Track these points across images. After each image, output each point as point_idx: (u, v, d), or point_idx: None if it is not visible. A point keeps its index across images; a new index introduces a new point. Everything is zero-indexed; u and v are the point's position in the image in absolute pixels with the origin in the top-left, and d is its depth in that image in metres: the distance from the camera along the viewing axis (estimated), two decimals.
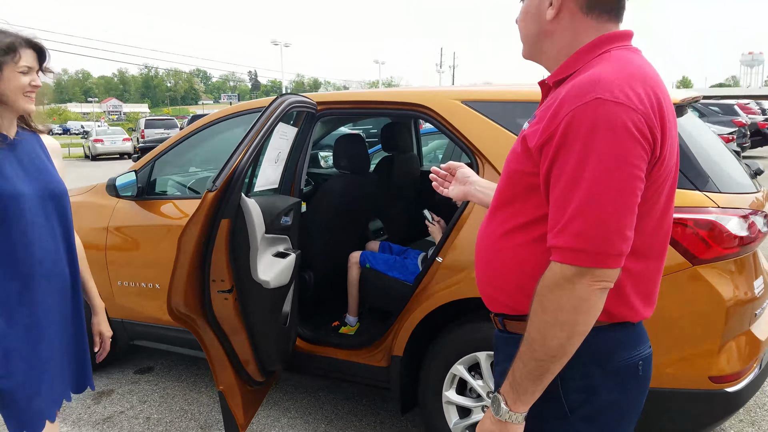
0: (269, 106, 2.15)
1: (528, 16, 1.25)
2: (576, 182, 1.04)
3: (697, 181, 2.17)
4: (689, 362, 2.11)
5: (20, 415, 1.68)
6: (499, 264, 1.25)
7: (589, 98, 1.04)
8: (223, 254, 2.02)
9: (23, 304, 1.67)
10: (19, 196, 1.63)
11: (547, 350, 1.08)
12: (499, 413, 1.14)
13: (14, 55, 1.62)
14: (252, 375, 2.32)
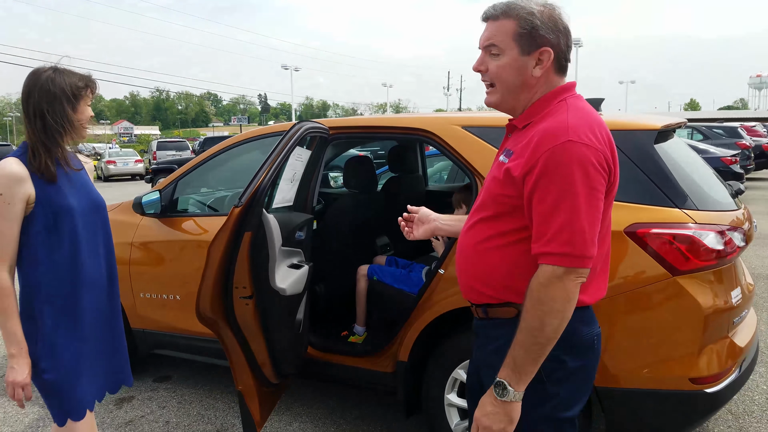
0: (288, 132, 2.39)
1: (510, 69, 1.50)
2: (558, 204, 1.36)
3: (676, 199, 2.36)
4: (671, 365, 2.28)
5: (63, 404, 1.89)
6: (487, 263, 1.53)
7: (563, 140, 1.37)
8: (245, 263, 2.24)
9: (69, 306, 1.89)
10: (71, 209, 1.86)
11: (546, 334, 1.37)
12: (506, 395, 1.39)
13: (87, 90, 1.91)
14: (268, 377, 2.51)
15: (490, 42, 1.51)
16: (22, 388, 1.82)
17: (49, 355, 1.85)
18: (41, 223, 1.83)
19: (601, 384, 2.34)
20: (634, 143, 2.46)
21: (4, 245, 1.80)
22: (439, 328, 2.74)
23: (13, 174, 1.78)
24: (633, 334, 2.31)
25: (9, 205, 1.78)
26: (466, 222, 1.65)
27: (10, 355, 1.82)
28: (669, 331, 2.29)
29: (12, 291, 1.81)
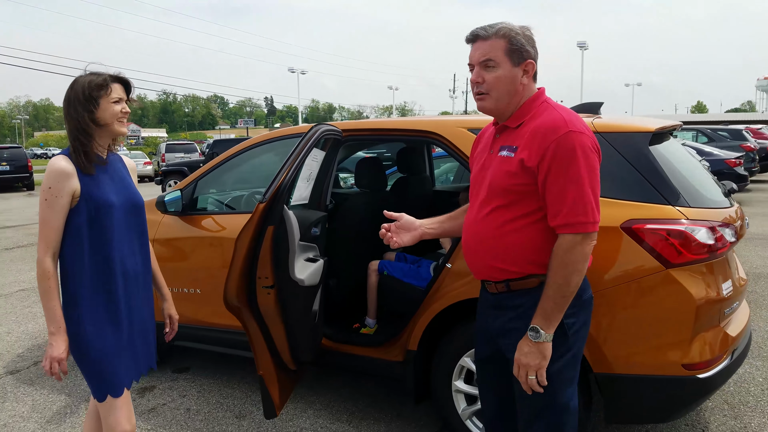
0: (307, 133, 2.57)
1: (504, 80, 1.80)
2: (569, 183, 1.70)
3: (670, 197, 2.51)
4: (664, 351, 2.43)
5: (103, 382, 2.05)
6: (511, 243, 1.81)
7: (565, 131, 1.71)
8: (267, 255, 2.41)
9: (107, 295, 2.05)
10: (111, 205, 2.03)
11: (570, 289, 1.73)
12: (539, 338, 1.74)
13: (107, 89, 2.02)
14: (287, 363, 2.68)
15: (487, 57, 1.79)
16: (58, 363, 1.99)
17: (92, 336, 2.02)
18: (84, 216, 1.99)
19: (601, 370, 2.49)
20: (630, 144, 2.61)
21: (50, 234, 1.96)
22: (446, 319, 2.91)
23: (61, 170, 1.95)
24: (629, 323, 2.46)
25: (56, 198, 1.94)
26: (475, 213, 1.89)
27: (50, 333, 1.99)
28: (663, 320, 2.44)
29: (54, 275, 1.98)
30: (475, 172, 1.99)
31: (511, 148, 1.80)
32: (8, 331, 4.94)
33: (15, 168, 20.98)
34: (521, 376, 1.79)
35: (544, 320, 1.75)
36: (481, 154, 1.99)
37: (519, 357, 1.78)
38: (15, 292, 6.24)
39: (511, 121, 1.85)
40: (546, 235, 1.78)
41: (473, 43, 1.83)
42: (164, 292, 2.37)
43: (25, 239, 9.87)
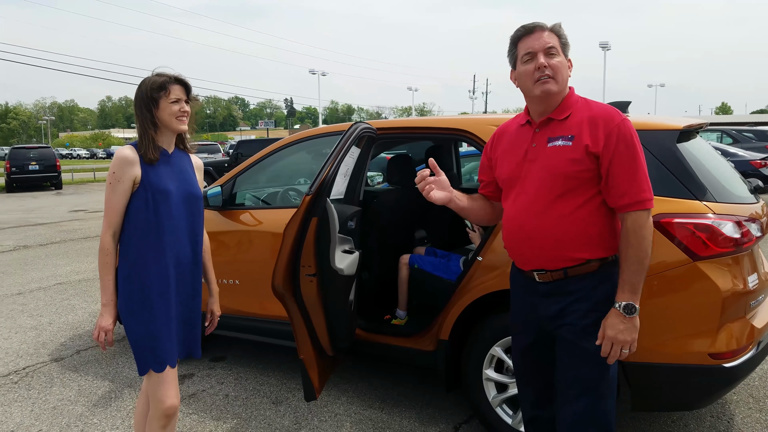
0: (347, 131, 2.71)
1: (564, 67, 1.97)
2: (635, 164, 1.86)
3: (697, 192, 2.60)
4: (691, 341, 2.51)
5: (148, 357, 2.19)
6: (572, 231, 1.91)
7: (620, 119, 1.89)
8: (311, 245, 2.55)
9: (158, 276, 2.18)
10: (168, 192, 2.19)
11: (648, 259, 1.88)
12: (634, 312, 1.86)
13: (165, 91, 2.18)
14: (325, 348, 2.82)
15: (550, 45, 1.93)
16: (105, 333, 2.16)
17: (140, 311, 2.17)
18: (141, 201, 2.16)
19: (629, 359, 2.56)
20: (658, 142, 2.70)
21: (112, 214, 2.15)
22: (477, 310, 3.02)
23: (125, 157, 2.14)
24: (658, 313, 2.55)
25: (118, 182, 2.13)
26: (527, 205, 1.97)
27: (102, 304, 2.17)
28: (690, 310, 2.52)
29: (112, 251, 2.16)
30: (513, 166, 2.05)
31: (567, 137, 1.92)
32: (50, 322, 5.15)
33: (44, 167, 21.49)
34: (614, 353, 1.89)
35: (634, 294, 1.87)
36: (514, 148, 2.06)
37: (615, 335, 1.87)
38: (53, 286, 6.48)
39: (556, 113, 1.97)
40: (605, 219, 1.92)
41: (531, 34, 1.95)
42: (212, 287, 2.50)
43: (58, 236, 10.18)
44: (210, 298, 2.52)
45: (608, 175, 1.87)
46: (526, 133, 2.05)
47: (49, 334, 4.82)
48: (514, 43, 2.00)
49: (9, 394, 3.67)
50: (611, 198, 1.89)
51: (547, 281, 1.99)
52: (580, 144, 1.88)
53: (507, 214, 2.07)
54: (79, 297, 5.97)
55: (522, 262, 2.06)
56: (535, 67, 1.92)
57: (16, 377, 3.95)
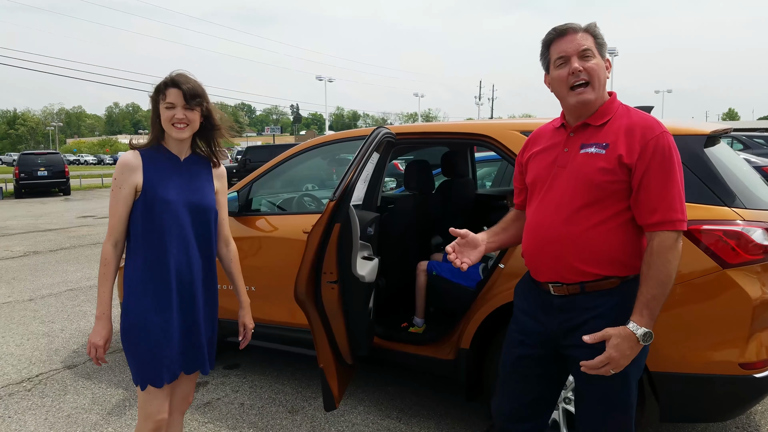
0: (369, 136, 2.67)
1: (601, 69, 1.84)
2: (670, 181, 1.73)
3: (726, 198, 2.55)
4: (721, 350, 2.46)
5: (143, 371, 2.08)
6: (602, 244, 1.79)
7: (660, 131, 1.76)
8: (333, 251, 2.51)
9: (158, 288, 2.06)
10: (169, 202, 2.05)
11: (671, 285, 1.75)
12: (649, 340, 1.74)
13: (162, 95, 2.05)
14: (344, 357, 2.78)
15: (585, 47, 1.81)
16: (96, 349, 2.07)
17: (138, 325, 2.06)
18: (141, 209, 2.05)
19: (656, 369, 2.53)
20: (685, 147, 2.65)
21: (113, 222, 2.06)
22: (499, 318, 2.96)
23: (125, 162, 2.05)
24: (686, 322, 2.49)
25: (120, 189, 2.04)
26: (551, 213, 1.86)
27: (96, 316, 2.08)
28: (720, 319, 2.46)
29: (111, 261, 2.06)
30: (540, 169, 1.95)
31: (601, 145, 1.80)
32: (62, 329, 5.13)
33: (53, 173, 21.59)
34: (603, 371, 1.75)
35: (651, 320, 1.74)
36: (545, 152, 1.96)
37: (618, 359, 1.73)
38: (64, 292, 6.46)
39: (594, 118, 1.85)
40: (631, 236, 1.80)
41: (564, 36, 1.83)
42: (242, 298, 2.39)
43: (67, 242, 10.19)
44: (241, 311, 2.40)
45: (639, 188, 1.75)
46: (559, 136, 1.94)
47: (61, 341, 4.80)
48: (546, 46, 1.89)
49: (23, 402, 3.64)
50: (640, 214, 1.77)
51: (563, 295, 1.87)
52: (614, 153, 1.76)
53: (530, 219, 1.96)
54: (91, 303, 5.95)
55: (538, 272, 1.94)
56: (569, 72, 1.81)
57: (30, 384, 3.92)
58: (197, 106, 2.09)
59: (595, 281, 1.82)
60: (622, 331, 1.73)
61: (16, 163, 21.79)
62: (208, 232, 2.19)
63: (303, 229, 3.42)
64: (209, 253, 2.21)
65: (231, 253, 2.37)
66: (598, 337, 1.75)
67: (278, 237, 3.61)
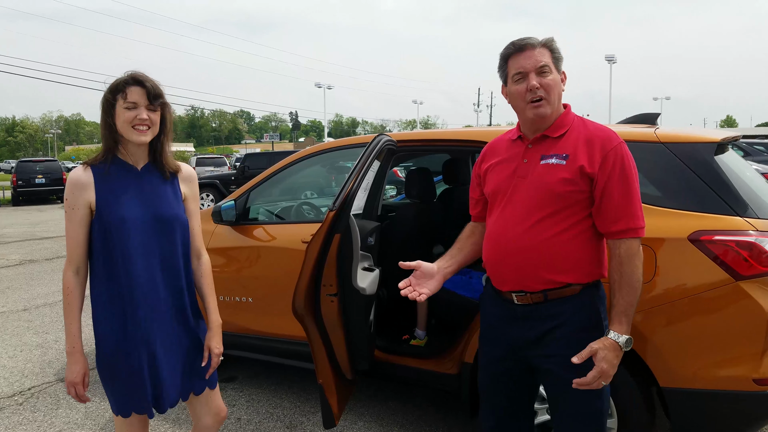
0: (370, 144, 2.59)
1: (557, 85, 1.87)
2: (630, 190, 1.79)
3: (737, 208, 2.47)
4: (734, 366, 2.37)
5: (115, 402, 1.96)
6: (563, 252, 1.82)
7: (617, 141, 1.82)
8: (333, 263, 2.43)
9: (122, 315, 1.89)
10: (125, 219, 1.85)
11: (641, 288, 1.80)
12: (630, 345, 1.77)
13: (122, 94, 1.83)
14: (344, 372, 2.69)
15: (543, 63, 1.83)
16: (75, 387, 1.91)
17: (106, 356, 1.92)
18: (97, 231, 1.87)
19: (667, 385, 2.44)
20: (695, 155, 2.58)
21: (71, 247, 1.88)
22: None
23: (75, 180, 1.86)
24: (697, 336, 2.41)
25: (72, 210, 1.86)
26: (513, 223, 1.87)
27: (67, 352, 1.92)
28: (732, 333, 2.38)
29: (74, 290, 1.88)
30: (500, 180, 1.95)
31: (561, 156, 1.84)
32: (56, 339, 5.03)
33: (50, 181, 21.51)
34: (596, 385, 1.77)
35: (628, 326, 1.78)
36: (504, 163, 1.97)
37: (608, 369, 1.75)
38: (59, 301, 6.36)
39: (551, 130, 1.89)
40: (592, 244, 1.85)
41: (522, 52, 1.86)
42: (212, 318, 2.09)
43: (63, 250, 10.04)
44: (208, 332, 2.08)
45: (602, 198, 1.80)
46: (517, 148, 1.96)
47: (55, 353, 4.70)
48: (504, 59, 1.91)
49: (14, 417, 3.54)
50: (603, 223, 1.81)
51: (526, 304, 1.89)
52: (575, 164, 1.80)
53: (491, 230, 1.97)
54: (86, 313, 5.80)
55: (501, 282, 1.95)
56: (527, 88, 1.83)
57: (21, 398, 3.82)
58: (159, 107, 1.91)
59: (557, 289, 1.85)
60: (606, 343, 1.76)
61: (13, 170, 21.71)
62: (177, 247, 1.97)
63: (302, 238, 3.34)
64: (179, 272, 1.99)
65: (202, 267, 2.12)
66: (585, 354, 1.76)
67: (276, 247, 3.53)
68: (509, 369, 2.00)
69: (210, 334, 2.09)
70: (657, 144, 2.65)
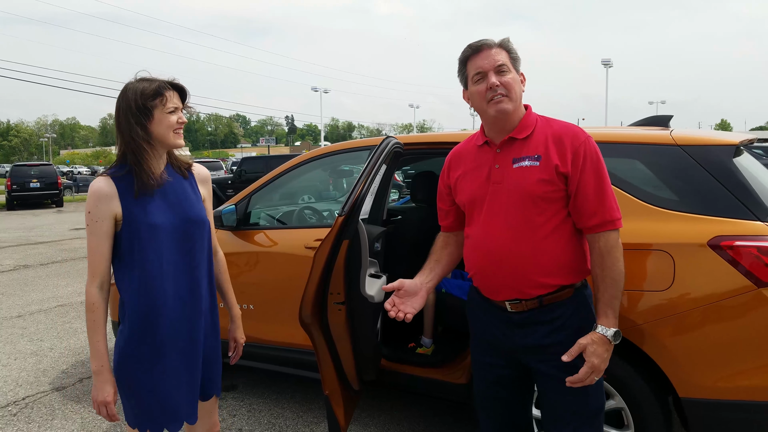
0: (379, 147, 2.50)
1: (517, 83, 1.85)
2: (603, 183, 1.79)
3: (758, 212, 2.39)
4: (755, 376, 2.29)
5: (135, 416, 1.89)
6: (547, 254, 1.80)
7: (584, 137, 1.81)
8: (341, 270, 2.33)
9: (150, 325, 1.83)
10: (157, 226, 1.81)
11: (623, 280, 1.80)
12: (619, 338, 1.76)
13: (162, 98, 1.80)
14: (351, 382, 2.59)
15: (501, 62, 1.83)
16: (106, 407, 1.83)
17: (129, 370, 1.85)
18: (126, 242, 1.81)
19: (686, 395, 2.36)
20: (713, 158, 2.50)
21: (95, 261, 1.80)
22: None
23: (99, 192, 1.78)
24: (718, 344, 2.33)
25: (96, 223, 1.79)
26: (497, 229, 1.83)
27: (93, 372, 1.84)
28: (753, 342, 2.30)
29: (99, 306, 1.81)
30: (475, 188, 1.90)
31: (533, 157, 1.81)
32: (51, 347, 4.92)
33: (45, 185, 21.37)
34: (589, 381, 1.77)
35: (616, 319, 1.78)
36: (474, 170, 1.92)
37: (599, 364, 1.76)
38: (54, 308, 6.25)
39: (517, 132, 1.86)
40: (576, 242, 1.85)
41: (479, 53, 1.85)
42: (233, 312, 2.19)
43: (59, 255, 9.96)
44: (231, 324, 2.19)
45: (577, 194, 1.79)
46: (485, 154, 1.92)
47: (50, 361, 4.58)
48: (463, 63, 1.89)
49: (7, 428, 3.43)
50: (580, 218, 1.81)
51: (521, 311, 1.86)
52: (549, 164, 1.78)
53: (475, 239, 1.91)
54: (81, 320, 5.74)
55: (492, 291, 1.90)
56: (487, 86, 1.81)
57: (15, 408, 3.71)
58: (186, 108, 1.92)
59: (551, 293, 1.83)
60: (594, 337, 1.76)
61: (8, 174, 21.55)
62: (202, 250, 1.93)
63: (305, 243, 3.25)
64: (209, 273, 1.98)
65: (219, 264, 2.14)
66: (575, 351, 1.76)
67: (279, 252, 3.43)
68: (505, 376, 1.99)
69: (233, 326, 2.20)
70: (674, 147, 2.57)
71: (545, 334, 1.84)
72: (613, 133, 2.79)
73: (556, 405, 1.90)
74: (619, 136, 2.75)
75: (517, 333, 1.88)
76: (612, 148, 2.62)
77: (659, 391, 2.48)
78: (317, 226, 3.60)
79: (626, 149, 2.69)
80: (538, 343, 1.85)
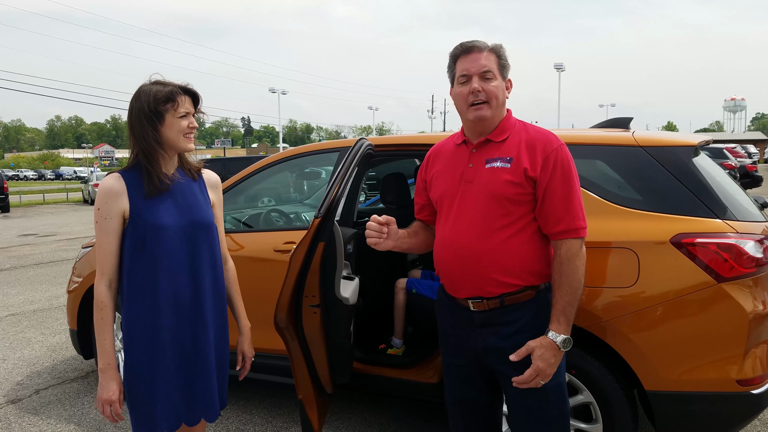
0: (353, 148, 2.49)
1: (500, 91, 1.88)
2: (571, 191, 1.81)
3: (717, 210, 2.49)
4: (718, 367, 2.38)
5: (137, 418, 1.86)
6: (515, 255, 1.83)
7: (558, 144, 1.83)
8: (316, 272, 2.31)
9: (153, 329, 1.83)
10: (162, 227, 1.81)
11: (581, 289, 1.81)
12: (569, 345, 1.78)
13: (174, 103, 1.83)
14: (324, 386, 2.57)
15: (486, 68, 1.85)
16: (110, 405, 1.81)
17: (133, 370, 1.85)
18: (131, 240, 1.81)
19: (651, 388, 2.44)
20: (674, 158, 2.59)
21: (104, 259, 1.81)
22: None
23: (109, 189, 1.80)
24: (680, 339, 2.41)
25: (106, 220, 1.79)
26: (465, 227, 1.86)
27: (100, 369, 1.83)
28: (715, 335, 2.39)
29: (108, 304, 1.81)
30: (448, 186, 1.94)
31: (505, 159, 1.85)
32: (3, 358, 4.71)
33: None
34: (534, 383, 1.79)
35: (569, 327, 1.80)
36: (450, 169, 1.97)
37: (545, 368, 1.77)
38: (5, 317, 5.99)
39: (494, 134, 1.90)
40: (540, 244, 1.86)
41: (468, 54, 1.87)
42: (242, 323, 2.14)
43: (7, 262, 9.56)
44: (240, 337, 2.13)
45: (544, 199, 1.82)
46: (462, 153, 1.96)
47: (3, 372, 4.39)
48: (453, 60, 1.93)
49: None
50: (546, 224, 1.84)
51: (483, 310, 1.89)
52: (519, 167, 1.82)
53: (442, 236, 1.95)
54: (35, 329, 5.52)
55: (455, 289, 1.93)
56: (470, 90, 1.85)
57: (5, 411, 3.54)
58: (198, 113, 1.96)
59: (514, 293, 1.85)
60: (543, 342, 1.78)
61: None
62: (208, 252, 1.93)
63: (274, 247, 3.21)
64: (216, 278, 1.97)
65: (229, 273, 2.13)
66: (523, 352, 1.78)
67: (246, 256, 3.38)
68: (473, 377, 2.00)
69: (242, 339, 2.14)
70: (636, 148, 2.65)
71: (506, 336, 1.86)
72: (577, 135, 2.86)
73: (519, 408, 1.92)
74: (583, 138, 2.82)
75: (480, 333, 1.90)
76: (577, 150, 2.67)
77: (626, 385, 2.55)
78: (286, 229, 3.57)
79: (591, 150, 2.76)
80: (499, 345, 1.87)
